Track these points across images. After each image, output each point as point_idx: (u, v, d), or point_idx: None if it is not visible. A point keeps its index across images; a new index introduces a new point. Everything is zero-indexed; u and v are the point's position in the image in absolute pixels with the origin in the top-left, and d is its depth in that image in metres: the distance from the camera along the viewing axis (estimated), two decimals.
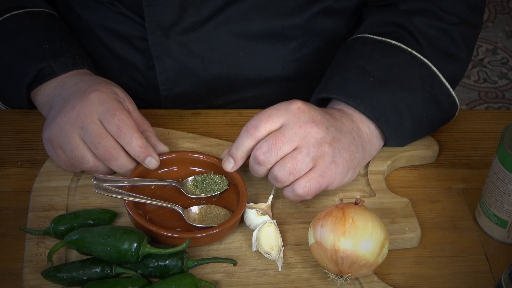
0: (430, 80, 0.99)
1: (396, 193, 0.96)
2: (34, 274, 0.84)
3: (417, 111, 0.98)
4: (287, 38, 1.08)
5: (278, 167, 0.88)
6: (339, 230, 0.81)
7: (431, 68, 0.99)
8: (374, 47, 1.00)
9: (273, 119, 0.89)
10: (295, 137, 0.88)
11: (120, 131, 0.90)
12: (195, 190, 0.93)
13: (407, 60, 0.99)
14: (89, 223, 0.87)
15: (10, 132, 1.02)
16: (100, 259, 0.83)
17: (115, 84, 0.97)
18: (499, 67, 2.63)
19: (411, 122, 0.98)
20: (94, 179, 0.88)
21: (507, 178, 0.87)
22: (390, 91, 0.97)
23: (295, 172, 0.88)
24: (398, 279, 0.88)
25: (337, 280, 0.83)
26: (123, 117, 0.90)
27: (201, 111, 1.07)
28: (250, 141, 0.89)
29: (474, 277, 0.88)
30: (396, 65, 0.98)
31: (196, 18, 1.03)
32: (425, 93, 0.99)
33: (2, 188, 0.95)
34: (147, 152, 0.91)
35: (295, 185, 0.89)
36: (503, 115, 1.16)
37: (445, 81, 1.00)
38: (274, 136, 0.88)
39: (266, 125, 0.89)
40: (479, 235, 0.94)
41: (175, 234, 0.86)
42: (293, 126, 0.88)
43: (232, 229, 0.89)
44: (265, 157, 0.88)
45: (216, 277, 0.85)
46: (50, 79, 0.98)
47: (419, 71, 0.99)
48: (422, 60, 0.99)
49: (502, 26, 2.81)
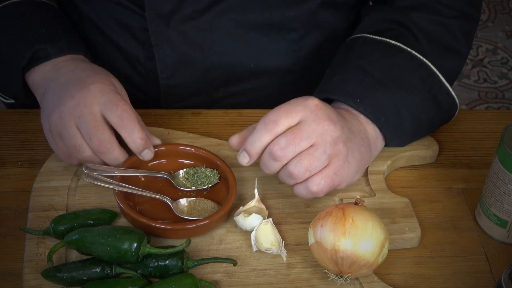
0: (429, 80, 0.99)
1: (396, 193, 0.96)
2: (34, 274, 0.84)
3: (417, 111, 0.98)
4: (286, 29, 1.08)
5: (294, 163, 0.87)
6: (339, 230, 0.81)
7: (430, 68, 0.99)
8: (373, 47, 1.00)
9: (292, 115, 0.88)
10: (313, 134, 0.87)
11: (123, 121, 0.90)
12: (186, 182, 0.94)
13: (406, 60, 0.99)
14: (89, 223, 0.88)
15: (10, 132, 1.02)
16: (100, 259, 0.83)
17: (111, 74, 0.97)
18: (499, 67, 2.63)
19: (411, 122, 0.98)
20: (86, 168, 0.89)
21: (507, 178, 0.87)
22: (390, 91, 0.96)
23: (311, 169, 0.87)
24: (398, 279, 0.88)
25: (337, 280, 0.83)
26: (126, 108, 0.91)
27: (201, 111, 1.07)
28: (268, 136, 0.88)
29: (474, 277, 0.88)
30: (396, 65, 0.98)
31: (195, 6, 1.03)
32: (424, 93, 0.99)
33: (2, 188, 0.95)
34: (147, 144, 0.92)
35: (309, 182, 0.88)
36: (503, 115, 1.16)
37: (444, 81, 1.00)
38: (292, 131, 0.87)
39: (286, 120, 0.87)
40: (479, 235, 0.94)
41: (161, 225, 0.87)
42: (311, 123, 0.88)
43: (220, 222, 0.90)
44: (282, 152, 0.87)
45: (216, 277, 0.85)
46: (45, 61, 0.98)
47: (418, 71, 0.99)
48: (422, 60, 0.99)
49: (502, 26, 2.81)
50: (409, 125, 0.98)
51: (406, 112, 0.97)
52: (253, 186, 0.93)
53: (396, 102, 0.96)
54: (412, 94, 0.97)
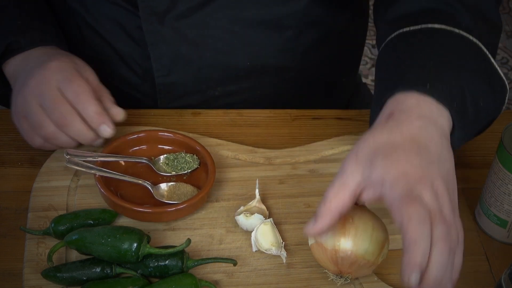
0: (482, 60, 0.88)
1: None
2: (34, 274, 0.84)
3: (476, 95, 0.85)
4: (282, 26, 1.08)
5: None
6: (339, 230, 0.81)
7: (482, 49, 0.88)
8: (414, 37, 0.88)
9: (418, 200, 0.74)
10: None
11: (77, 97, 0.91)
12: (166, 168, 0.96)
13: (457, 41, 0.87)
14: (89, 223, 0.88)
15: (10, 132, 1.02)
16: (100, 259, 0.83)
17: (77, 57, 0.99)
18: (499, 67, 2.63)
19: (472, 105, 0.84)
20: (66, 153, 0.92)
21: (507, 178, 0.87)
22: (454, 73, 0.84)
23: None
24: (398, 279, 0.87)
25: (337, 280, 0.83)
26: (81, 83, 0.92)
27: (201, 111, 1.07)
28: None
29: (474, 277, 0.88)
30: (450, 46, 0.87)
31: (189, 4, 1.03)
32: (482, 74, 0.87)
33: (2, 188, 0.95)
34: (102, 119, 0.92)
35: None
36: (503, 115, 1.15)
37: (494, 62, 0.91)
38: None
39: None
40: (479, 235, 0.94)
41: (142, 208, 0.89)
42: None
43: (199, 205, 0.92)
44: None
45: (216, 277, 0.85)
46: (17, 54, 0.99)
47: (471, 51, 0.88)
48: (472, 40, 0.88)
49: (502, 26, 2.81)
50: (471, 111, 0.84)
51: (469, 96, 0.84)
52: (253, 186, 0.94)
53: (462, 84, 0.83)
54: (472, 75, 0.86)
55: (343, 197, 0.76)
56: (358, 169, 0.76)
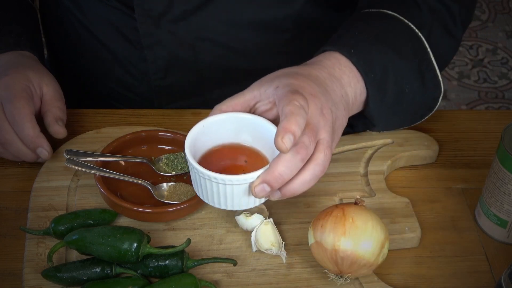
0: (420, 54, 0.96)
1: (396, 193, 0.96)
2: (34, 274, 0.84)
3: (401, 79, 0.95)
4: (279, 29, 1.08)
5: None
6: (339, 230, 0.81)
7: (424, 43, 0.97)
8: (370, 15, 0.98)
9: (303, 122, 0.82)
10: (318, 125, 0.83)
11: (14, 118, 0.91)
12: (166, 168, 0.96)
13: (402, 29, 0.96)
14: (89, 223, 0.88)
15: None
16: (100, 259, 0.83)
17: (37, 67, 0.98)
18: (499, 67, 2.63)
19: (394, 87, 0.94)
20: (66, 153, 0.92)
21: (507, 178, 0.87)
22: (382, 50, 0.94)
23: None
24: (398, 279, 0.88)
25: (337, 280, 0.83)
26: (18, 105, 0.91)
27: (201, 111, 1.07)
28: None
29: (474, 277, 0.88)
30: (391, 30, 0.96)
31: (186, 6, 1.03)
32: (413, 63, 0.96)
33: (2, 188, 0.95)
34: (37, 142, 0.92)
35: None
36: (503, 115, 1.16)
37: (434, 60, 0.97)
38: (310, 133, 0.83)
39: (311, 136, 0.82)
40: (479, 235, 0.94)
41: (142, 208, 0.89)
42: (318, 121, 0.83)
43: (199, 205, 0.92)
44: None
45: (216, 277, 0.85)
46: None
47: (412, 42, 0.97)
48: (417, 33, 0.97)
49: (502, 26, 2.81)
50: (392, 92, 0.94)
51: (392, 75, 0.94)
52: None
53: (386, 62, 0.93)
54: (401, 59, 0.95)
55: (234, 102, 0.84)
56: (257, 87, 0.84)
